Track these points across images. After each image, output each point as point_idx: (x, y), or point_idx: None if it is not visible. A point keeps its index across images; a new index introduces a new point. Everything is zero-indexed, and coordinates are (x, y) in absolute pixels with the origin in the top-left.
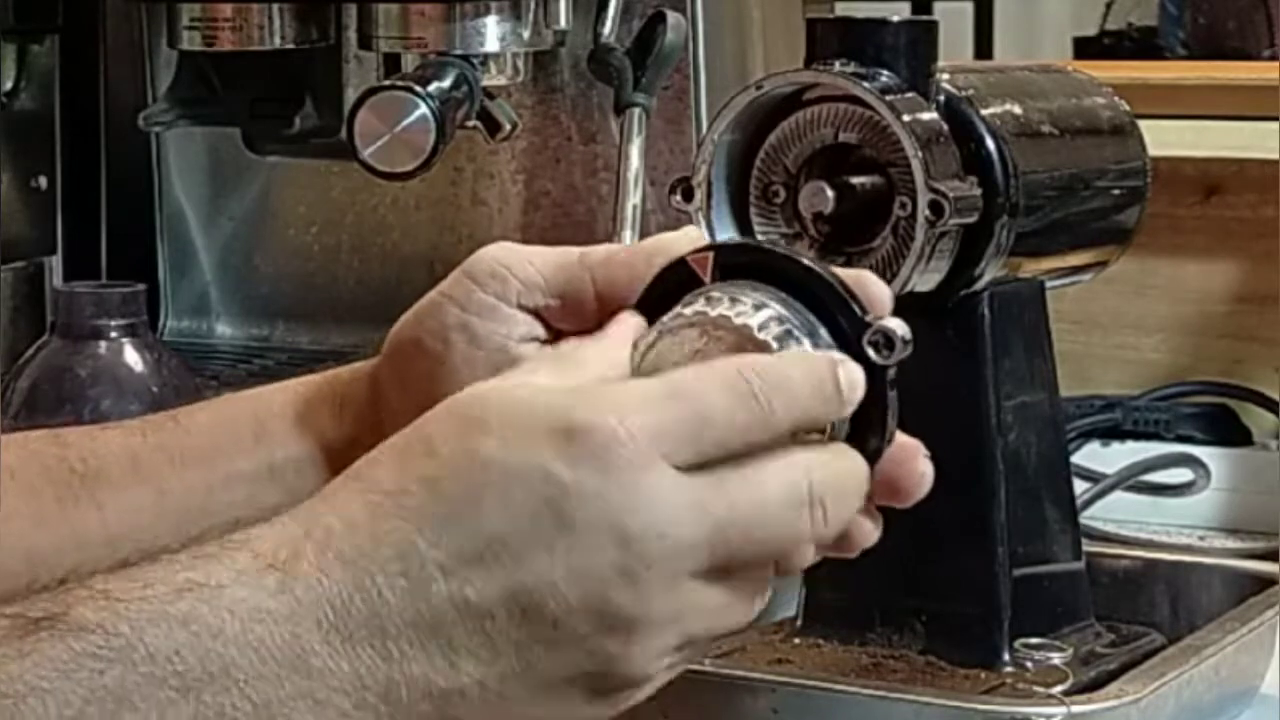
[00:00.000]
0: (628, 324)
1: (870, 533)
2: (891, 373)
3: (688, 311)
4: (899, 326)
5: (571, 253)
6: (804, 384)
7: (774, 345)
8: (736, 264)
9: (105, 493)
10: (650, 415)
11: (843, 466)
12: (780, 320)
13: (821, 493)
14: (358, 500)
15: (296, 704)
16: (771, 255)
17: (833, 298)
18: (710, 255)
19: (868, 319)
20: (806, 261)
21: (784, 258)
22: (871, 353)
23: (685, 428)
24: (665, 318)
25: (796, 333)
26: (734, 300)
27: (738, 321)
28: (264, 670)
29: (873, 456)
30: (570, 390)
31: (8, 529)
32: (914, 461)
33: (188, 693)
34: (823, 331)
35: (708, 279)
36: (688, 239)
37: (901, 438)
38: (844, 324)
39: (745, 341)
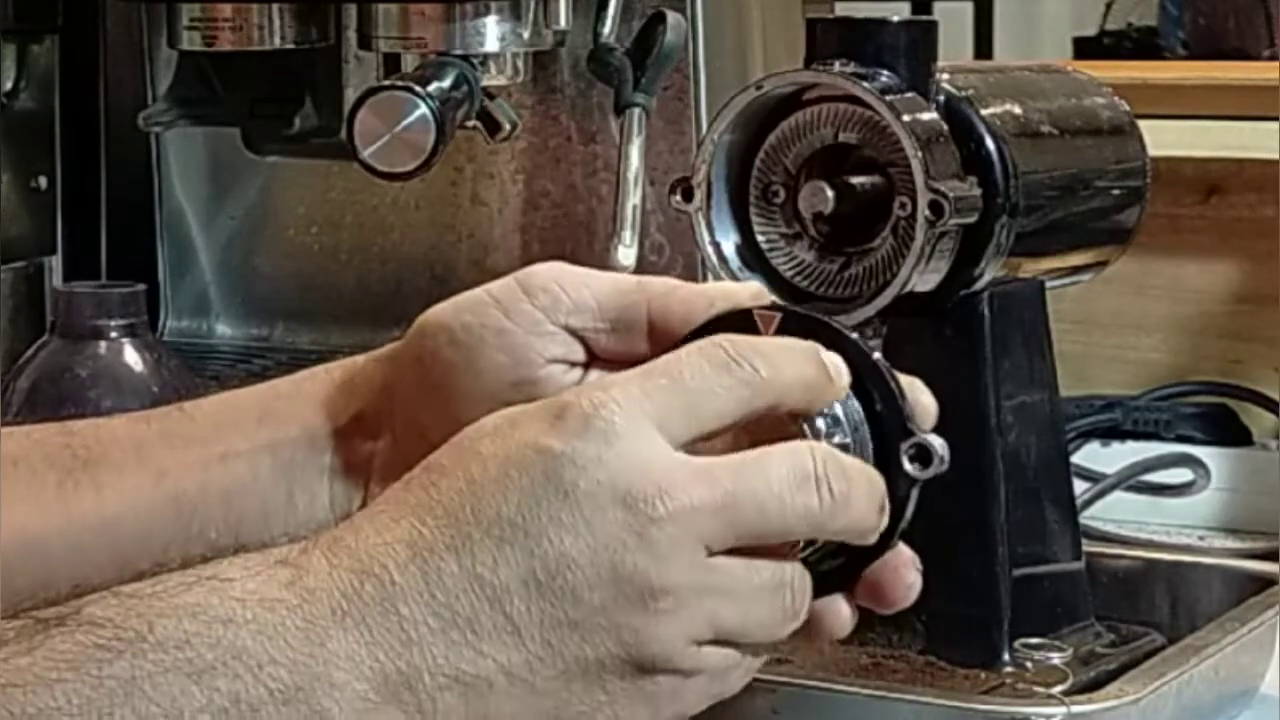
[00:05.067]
0: None
1: (847, 622)
2: (918, 488)
3: None
4: (939, 445)
5: (629, 280)
6: (785, 354)
7: (818, 424)
8: (799, 333)
9: (105, 476)
10: (633, 385)
11: (847, 459)
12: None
13: (826, 470)
14: (361, 515)
15: (314, 689)
16: (839, 338)
17: (885, 397)
18: (776, 316)
19: (911, 427)
20: (873, 355)
21: (851, 343)
22: (907, 462)
23: (674, 398)
24: None
25: (841, 421)
26: None
27: None
28: (278, 656)
29: (873, 555)
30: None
31: (7, 513)
32: (905, 571)
33: (199, 679)
34: (865, 429)
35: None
36: (749, 291)
37: (900, 547)
38: (888, 427)
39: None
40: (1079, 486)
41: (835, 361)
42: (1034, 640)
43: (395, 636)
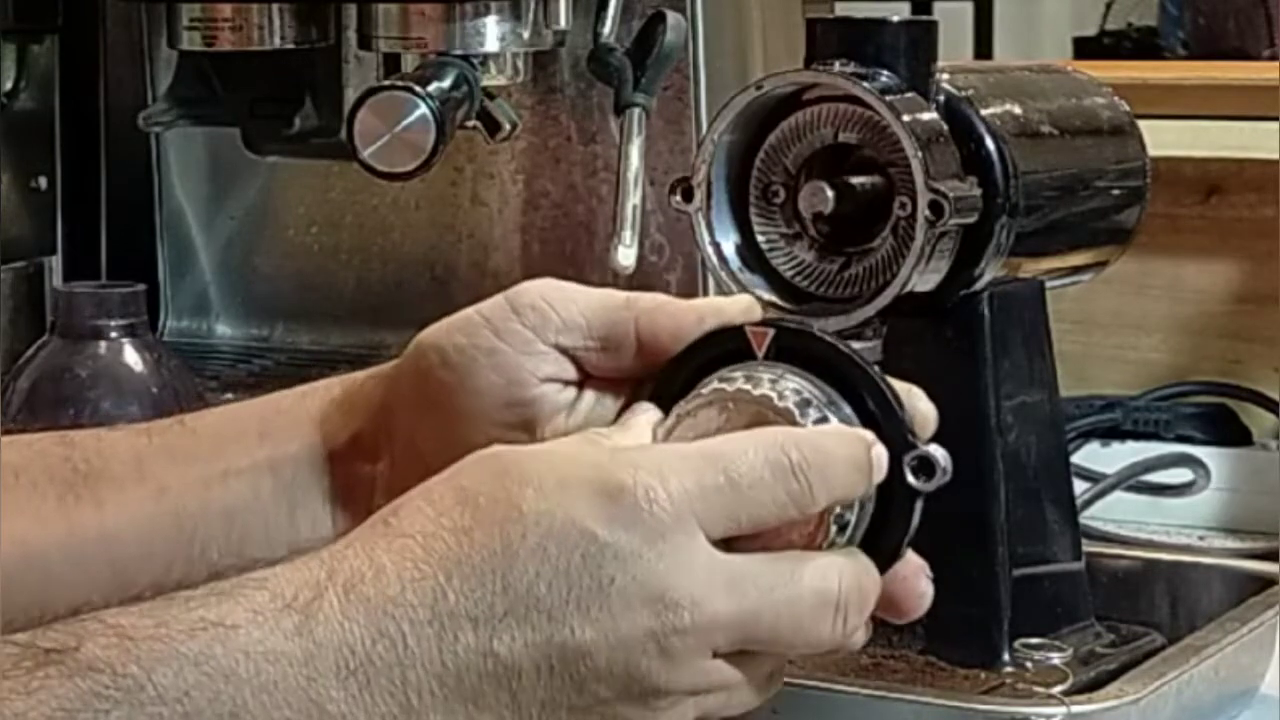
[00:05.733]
0: (649, 413)
1: (860, 641)
2: (922, 500)
3: (728, 387)
4: (941, 456)
5: (618, 296)
6: (841, 463)
7: None
8: (793, 349)
9: (106, 491)
10: (690, 479)
11: (866, 577)
12: (822, 421)
13: (848, 600)
14: (385, 545)
15: None
16: (834, 352)
17: (884, 409)
18: (769, 333)
19: (913, 439)
20: (870, 369)
21: (845, 357)
22: (910, 475)
23: (723, 500)
24: (704, 389)
25: None
26: (775, 385)
27: (779, 405)
28: (275, 715)
29: (882, 568)
30: (607, 449)
31: (8, 527)
32: (916, 580)
33: None
34: None
35: (760, 355)
36: (739, 307)
37: (909, 555)
38: (889, 440)
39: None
40: (1079, 486)
41: (880, 457)
42: (1034, 640)
43: (397, 702)
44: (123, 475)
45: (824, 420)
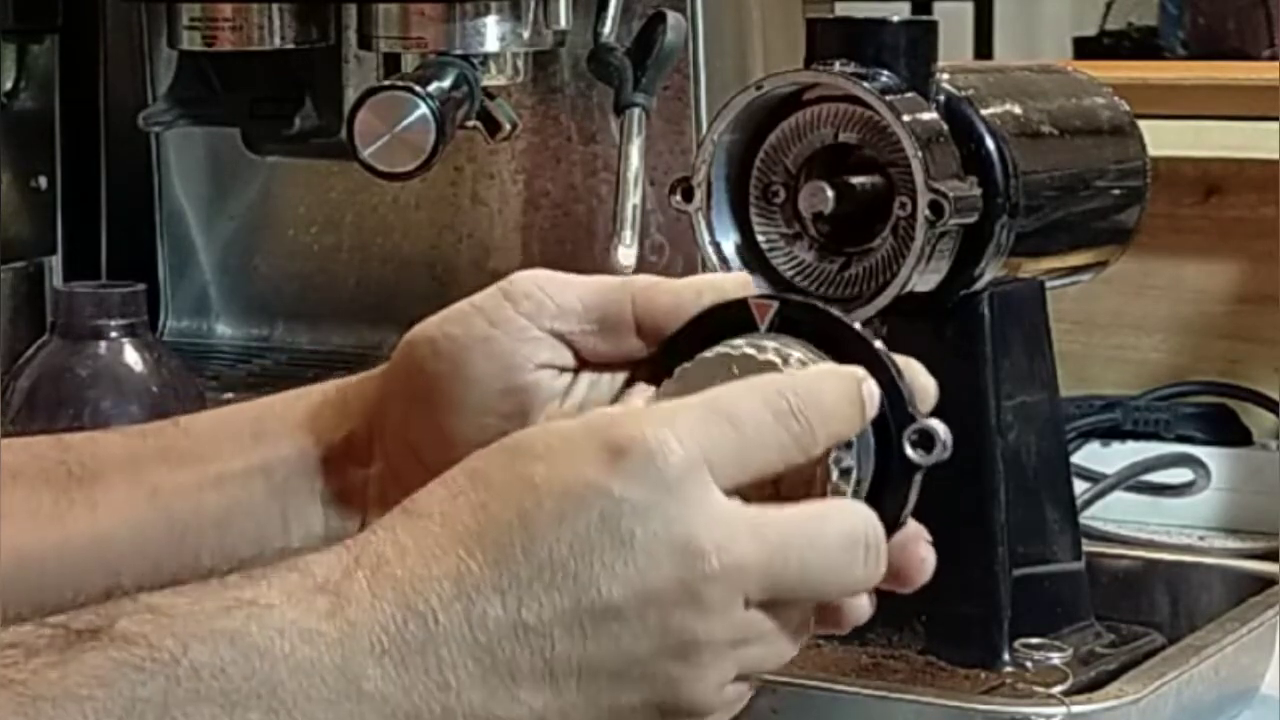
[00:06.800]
0: (648, 392)
1: (865, 611)
2: (921, 473)
3: (733, 351)
4: (942, 430)
5: (613, 279)
6: (836, 398)
7: None
8: (797, 321)
9: (100, 494)
10: (697, 426)
11: (880, 526)
12: None
13: (874, 539)
14: (406, 527)
15: None
16: (837, 325)
17: (886, 383)
18: (774, 305)
19: (913, 412)
20: (873, 342)
21: (848, 330)
22: (910, 449)
23: (730, 445)
24: (707, 353)
25: None
26: (780, 353)
27: (784, 370)
28: (312, 693)
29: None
30: (611, 413)
31: (3, 530)
32: (916, 546)
33: (233, 710)
34: None
35: (763, 327)
36: (736, 282)
37: (908, 523)
38: (889, 413)
39: None
40: (1079, 486)
41: (871, 393)
42: (1034, 640)
43: (433, 680)
44: (116, 478)
45: None
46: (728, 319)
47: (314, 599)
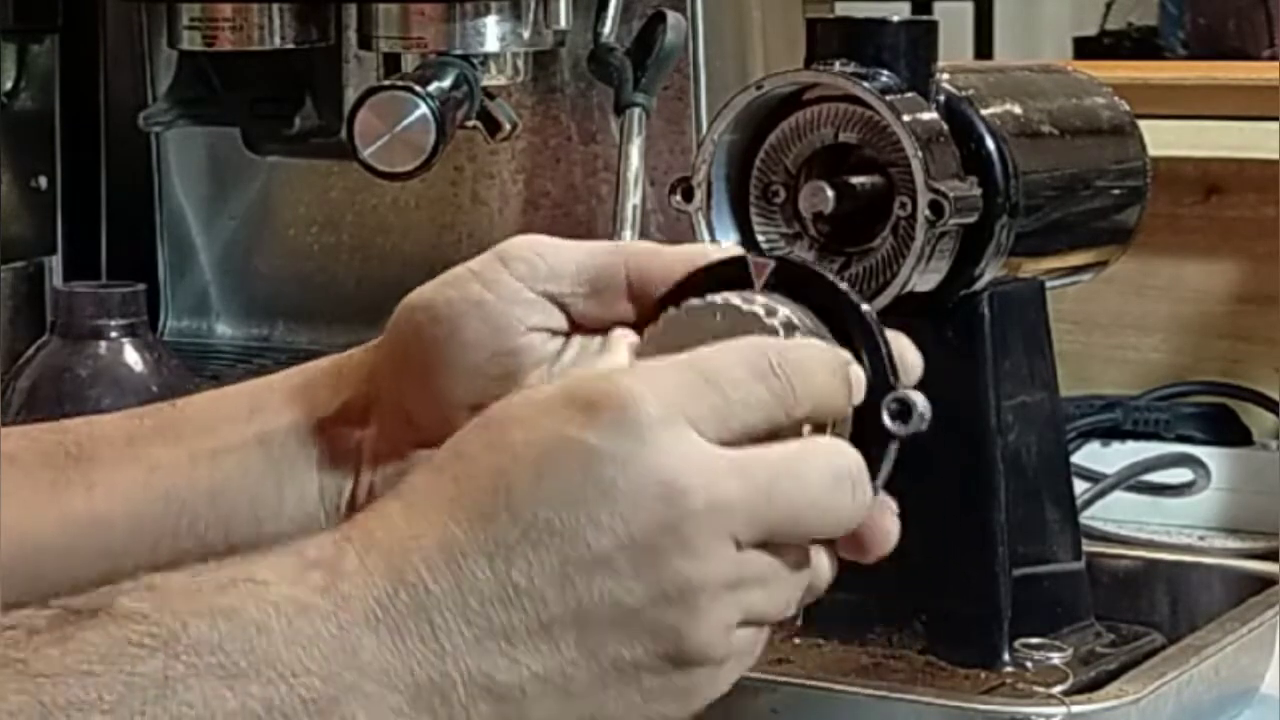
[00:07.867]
0: (630, 337)
1: (828, 573)
2: (896, 444)
3: (719, 300)
4: (921, 402)
5: (607, 244)
6: (820, 370)
7: None
8: (791, 282)
9: (97, 474)
10: (670, 378)
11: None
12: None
13: (861, 475)
14: (394, 505)
15: (347, 699)
16: (831, 290)
17: (871, 350)
18: (770, 264)
19: (894, 381)
20: (862, 307)
21: (842, 296)
22: (888, 418)
23: (707, 398)
24: (691, 301)
25: None
26: (768, 308)
27: (766, 321)
28: (311, 665)
29: None
30: (583, 374)
31: (2, 512)
32: (883, 518)
33: (233, 685)
34: None
35: (759, 285)
36: (727, 253)
37: (880, 495)
38: (870, 379)
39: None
40: (1079, 486)
41: (858, 377)
42: (1034, 640)
43: (429, 647)
44: (113, 457)
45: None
46: (725, 275)
47: (308, 574)
